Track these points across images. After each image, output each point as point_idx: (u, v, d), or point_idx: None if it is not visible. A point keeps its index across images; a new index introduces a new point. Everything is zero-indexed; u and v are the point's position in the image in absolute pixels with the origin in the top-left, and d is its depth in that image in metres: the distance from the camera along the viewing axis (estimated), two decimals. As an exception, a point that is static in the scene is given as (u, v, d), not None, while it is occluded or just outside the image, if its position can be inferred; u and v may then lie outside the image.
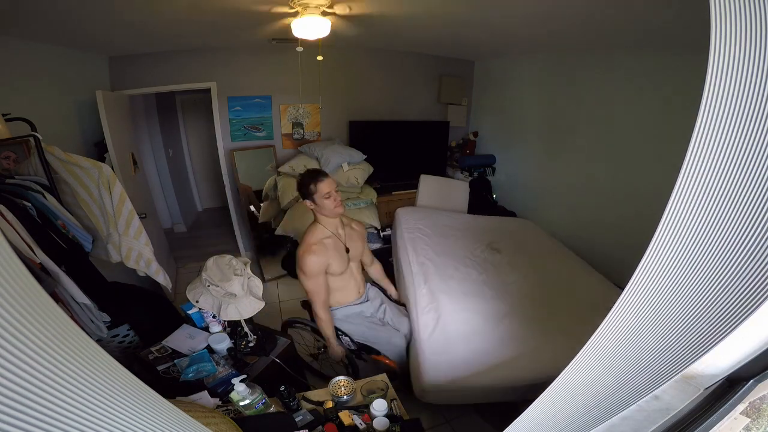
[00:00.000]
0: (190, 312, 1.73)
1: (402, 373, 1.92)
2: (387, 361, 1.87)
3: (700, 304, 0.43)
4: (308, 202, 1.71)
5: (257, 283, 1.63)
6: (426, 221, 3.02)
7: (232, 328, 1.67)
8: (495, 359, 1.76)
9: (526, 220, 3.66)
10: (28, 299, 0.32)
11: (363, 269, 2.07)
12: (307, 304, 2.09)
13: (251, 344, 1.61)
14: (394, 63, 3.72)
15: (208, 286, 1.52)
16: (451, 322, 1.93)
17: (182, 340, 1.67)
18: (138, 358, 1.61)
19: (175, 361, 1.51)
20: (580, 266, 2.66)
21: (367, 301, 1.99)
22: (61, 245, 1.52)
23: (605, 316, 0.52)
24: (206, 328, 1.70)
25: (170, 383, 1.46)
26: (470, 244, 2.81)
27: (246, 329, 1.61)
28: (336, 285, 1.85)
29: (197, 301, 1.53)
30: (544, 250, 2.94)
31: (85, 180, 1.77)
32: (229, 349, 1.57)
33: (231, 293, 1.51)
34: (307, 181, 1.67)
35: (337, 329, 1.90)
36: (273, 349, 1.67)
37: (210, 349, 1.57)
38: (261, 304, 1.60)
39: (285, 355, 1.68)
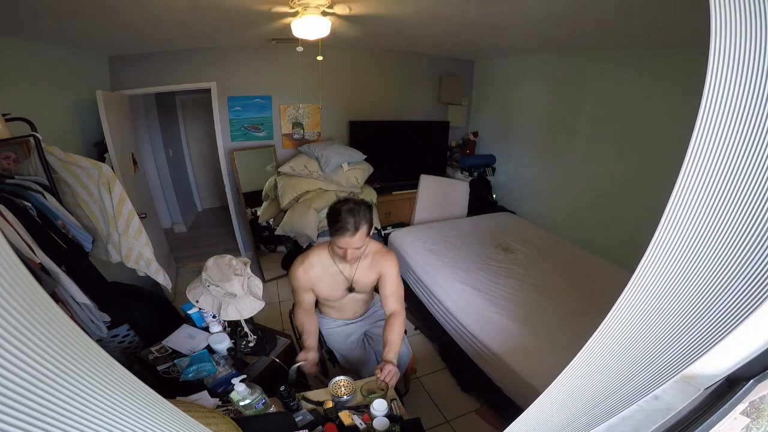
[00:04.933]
0: (190, 312, 1.73)
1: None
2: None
3: (700, 304, 0.43)
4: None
5: (257, 283, 1.63)
6: (430, 238, 2.94)
7: (232, 328, 1.67)
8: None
9: (513, 213, 3.67)
10: (28, 299, 0.32)
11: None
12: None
13: (251, 344, 1.61)
14: (394, 63, 3.72)
15: (208, 286, 1.52)
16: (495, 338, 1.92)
17: (182, 340, 1.66)
18: (138, 358, 1.61)
19: (176, 361, 1.51)
20: (586, 253, 2.76)
21: (363, 319, 1.85)
22: (61, 245, 1.52)
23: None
24: (206, 328, 1.70)
25: (171, 383, 1.46)
26: (481, 250, 2.82)
27: (246, 329, 1.61)
28: (330, 304, 1.75)
29: (197, 301, 1.54)
30: (547, 242, 2.95)
31: (85, 180, 1.77)
32: (229, 349, 1.57)
33: (231, 293, 1.51)
34: (331, 223, 1.44)
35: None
36: (273, 348, 1.67)
37: (210, 349, 1.57)
38: (261, 304, 1.60)
39: (285, 355, 1.68)
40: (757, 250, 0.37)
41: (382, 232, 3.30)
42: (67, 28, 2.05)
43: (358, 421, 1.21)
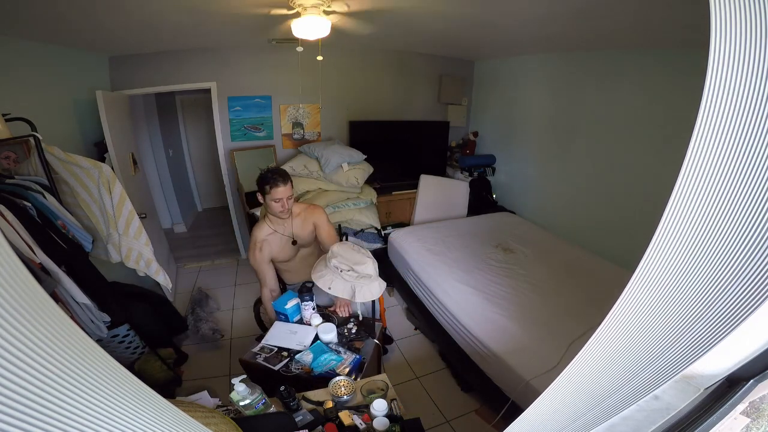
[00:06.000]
0: (287, 307, 1.74)
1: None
2: None
3: (700, 304, 0.43)
4: (259, 195, 1.81)
5: (376, 266, 1.70)
6: (430, 238, 2.94)
7: (325, 317, 1.75)
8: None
9: (513, 213, 3.68)
10: (28, 299, 0.32)
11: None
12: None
13: (353, 330, 1.68)
14: (394, 63, 3.72)
15: (341, 272, 1.57)
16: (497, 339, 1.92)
17: (284, 336, 1.65)
18: (244, 362, 1.57)
19: (296, 357, 1.52)
20: (585, 253, 2.77)
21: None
22: (61, 245, 1.52)
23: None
24: (299, 322, 1.75)
25: (292, 380, 1.45)
26: (481, 250, 2.81)
27: (359, 312, 1.72)
28: (287, 268, 2.06)
29: (329, 288, 1.58)
30: (547, 242, 2.96)
31: (85, 180, 1.77)
32: (338, 334, 1.65)
33: (366, 275, 1.57)
34: (264, 182, 1.74)
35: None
36: (372, 332, 1.73)
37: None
38: (384, 284, 1.66)
39: (382, 338, 1.81)
40: (757, 250, 0.37)
41: (382, 232, 3.30)
42: (67, 29, 2.05)
43: (358, 421, 1.21)
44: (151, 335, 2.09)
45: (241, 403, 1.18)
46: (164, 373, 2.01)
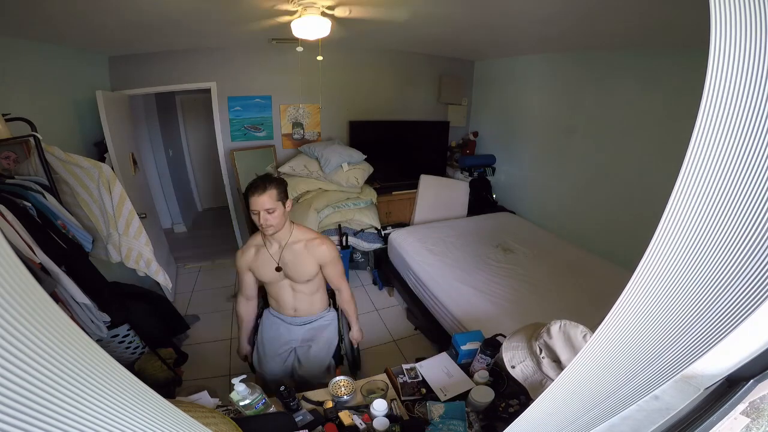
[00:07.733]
0: (463, 348, 1.47)
1: None
2: None
3: (700, 304, 0.43)
4: None
5: None
6: (430, 238, 2.95)
7: (495, 377, 1.36)
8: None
9: (513, 213, 3.68)
10: (28, 299, 0.32)
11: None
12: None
13: (511, 409, 1.21)
14: (393, 63, 3.72)
15: (543, 357, 1.07)
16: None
17: (438, 372, 1.43)
18: (387, 372, 1.40)
19: (428, 403, 1.27)
20: (585, 253, 2.77)
21: (300, 325, 1.77)
22: (61, 245, 1.52)
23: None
24: (466, 367, 1.45)
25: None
26: (481, 250, 2.82)
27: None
28: (270, 291, 1.77)
29: (513, 367, 1.12)
30: (547, 242, 2.96)
31: (85, 180, 1.77)
32: (489, 407, 1.23)
33: None
34: (246, 190, 1.51)
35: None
36: None
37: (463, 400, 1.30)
38: None
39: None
40: (757, 250, 0.37)
41: (382, 232, 3.30)
42: (67, 29, 2.05)
43: (358, 421, 1.21)
44: (151, 335, 2.09)
45: (241, 403, 1.18)
46: (164, 373, 2.01)
